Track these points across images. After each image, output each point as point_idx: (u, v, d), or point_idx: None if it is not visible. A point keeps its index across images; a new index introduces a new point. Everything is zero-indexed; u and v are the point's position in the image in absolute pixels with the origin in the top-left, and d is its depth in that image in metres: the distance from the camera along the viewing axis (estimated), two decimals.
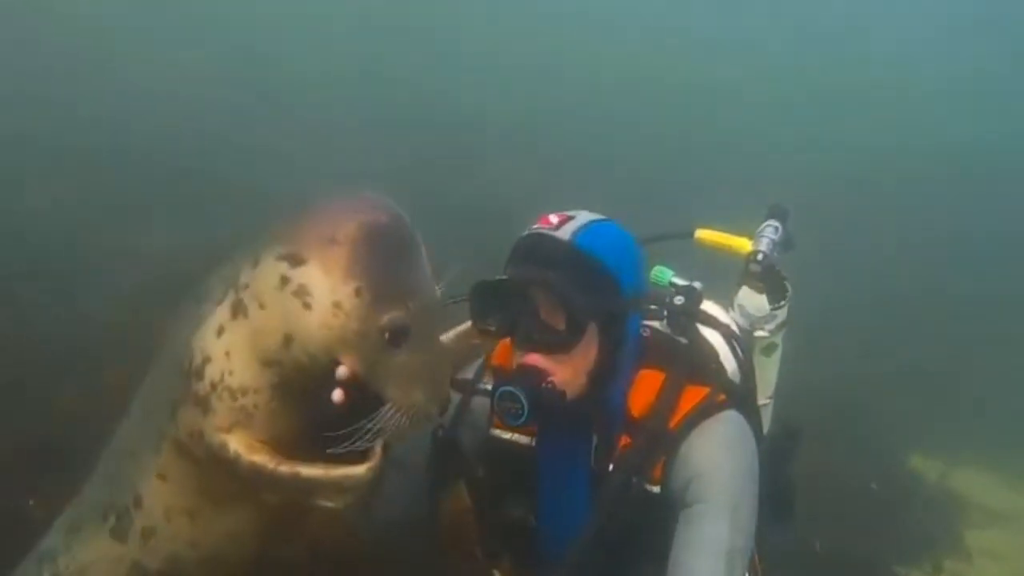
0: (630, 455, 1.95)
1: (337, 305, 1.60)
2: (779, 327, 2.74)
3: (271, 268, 1.65)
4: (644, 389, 2.01)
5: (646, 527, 1.95)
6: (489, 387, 1.94)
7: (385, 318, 1.61)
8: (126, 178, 7.40)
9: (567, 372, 1.90)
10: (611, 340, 1.95)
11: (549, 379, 1.88)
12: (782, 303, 2.68)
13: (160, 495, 1.84)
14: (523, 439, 2.08)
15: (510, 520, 2.08)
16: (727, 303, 2.71)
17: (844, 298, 8.65)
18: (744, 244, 2.68)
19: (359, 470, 1.71)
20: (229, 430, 1.71)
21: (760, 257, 2.60)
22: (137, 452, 1.87)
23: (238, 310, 1.70)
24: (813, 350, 4.71)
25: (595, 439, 2.00)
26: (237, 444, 1.70)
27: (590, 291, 1.88)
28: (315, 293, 1.60)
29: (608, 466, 1.98)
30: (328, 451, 1.68)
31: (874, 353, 8.07)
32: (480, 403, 2.11)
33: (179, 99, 10.46)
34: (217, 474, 1.76)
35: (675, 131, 16.03)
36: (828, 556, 4.33)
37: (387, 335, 1.62)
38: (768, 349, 2.77)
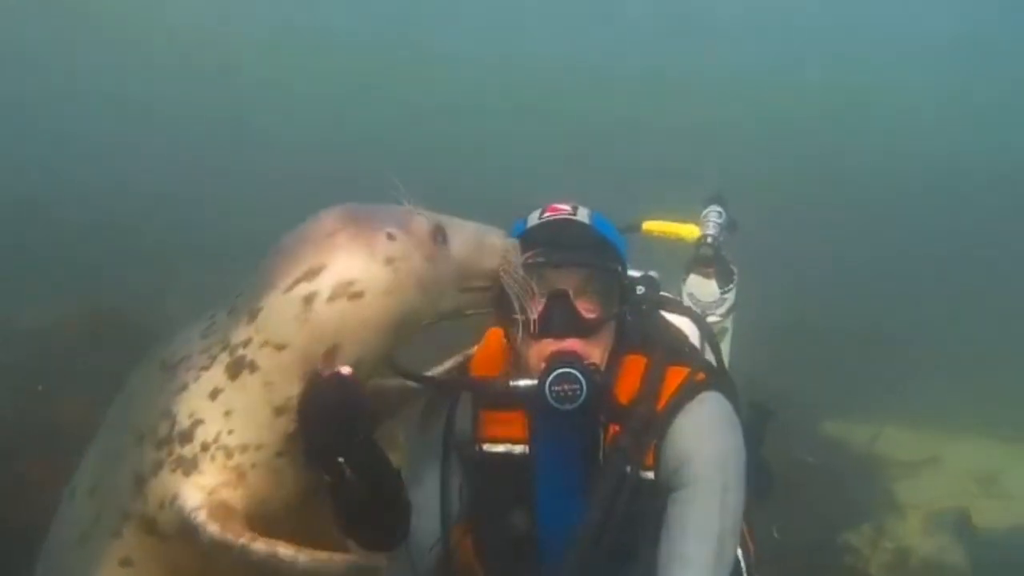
0: (622, 443, 1.91)
1: (390, 261, 1.63)
2: (729, 310, 2.79)
3: (282, 303, 1.60)
4: (629, 374, 1.98)
5: (645, 514, 1.91)
6: (520, 384, 1.86)
7: (423, 230, 1.70)
8: None
9: (597, 355, 1.88)
10: (620, 322, 1.95)
11: (591, 361, 1.85)
12: (730, 286, 2.74)
13: None
14: (517, 449, 2.00)
15: (512, 534, 2.00)
16: (675, 293, 2.72)
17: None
18: (692, 230, 2.72)
19: (336, 560, 1.56)
20: (213, 491, 1.57)
21: (710, 240, 2.66)
22: (86, 545, 1.68)
23: (239, 368, 1.61)
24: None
25: (600, 433, 1.95)
26: (210, 514, 1.55)
27: (616, 272, 1.90)
28: (358, 277, 1.60)
29: (602, 458, 1.94)
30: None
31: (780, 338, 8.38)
32: (461, 421, 2.04)
33: None
34: (186, 551, 1.60)
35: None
36: (780, 540, 4.38)
37: (437, 239, 1.73)
38: (720, 333, 2.80)
